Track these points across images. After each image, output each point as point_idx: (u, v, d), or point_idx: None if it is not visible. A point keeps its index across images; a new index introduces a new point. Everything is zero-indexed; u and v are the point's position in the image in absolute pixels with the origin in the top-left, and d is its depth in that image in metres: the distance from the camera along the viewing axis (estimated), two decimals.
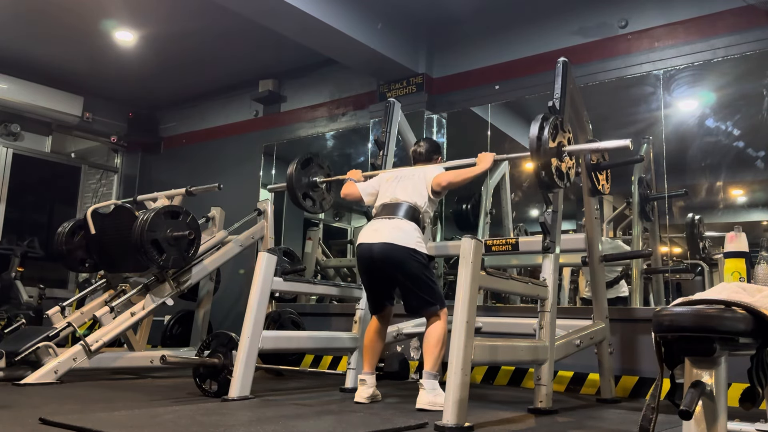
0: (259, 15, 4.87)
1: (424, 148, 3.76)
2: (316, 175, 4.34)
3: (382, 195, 3.56)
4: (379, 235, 3.33)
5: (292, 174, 4.21)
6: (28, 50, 6.41)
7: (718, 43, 4.36)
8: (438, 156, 3.79)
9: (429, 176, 3.48)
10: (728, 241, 2.69)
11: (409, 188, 3.47)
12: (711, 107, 4.55)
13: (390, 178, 3.63)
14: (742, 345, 1.48)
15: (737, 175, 4.55)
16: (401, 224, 3.35)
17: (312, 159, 4.35)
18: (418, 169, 3.61)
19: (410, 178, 3.54)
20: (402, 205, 3.41)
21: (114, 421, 2.56)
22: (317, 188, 4.35)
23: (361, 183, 3.79)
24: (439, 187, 3.45)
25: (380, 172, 3.87)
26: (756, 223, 4.60)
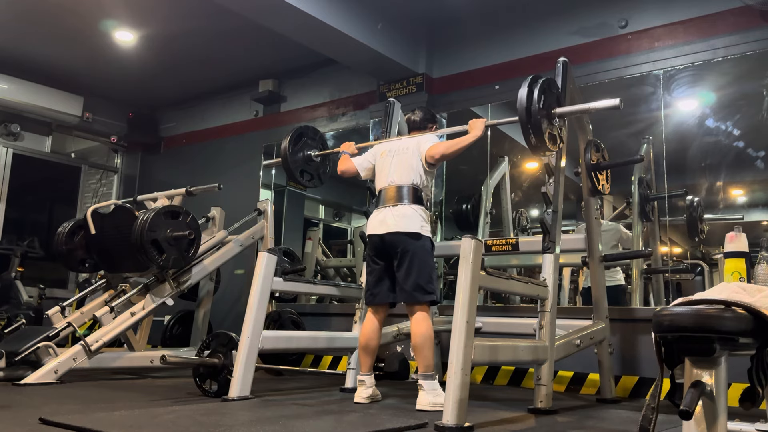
0: (259, 15, 4.87)
1: (418, 116, 3.77)
2: (310, 148, 4.32)
3: (380, 175, 3.58)
4: (386, 226, 3.40)
5: (286, 152, 4.17)
6: (28, 50, 6.41)
7: (718, 43, 4.36)
8: (432, 124, 3.78)
9: (423, 148, 3.48)
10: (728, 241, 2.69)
11: (405, 165, 3.48)
12: (711, 107, 4.55)
13: (384, 152, 3.62)
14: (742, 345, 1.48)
15: (737, 175, 4.55)
16: (405, 210, 3.39)
17: (303, 133, 4.32)
18: (411, 139, 3.61)
19: (404, 152, 3.53)
20: (402, 188, 3.44)
21: (114, 421, 2.56)
22: (312, 162, 4.33)
23: (356, 157, 3.80)
24: (432, 159, 3.45)
25: (374, 143, 3.86)
26: (756, 223, 4.60)
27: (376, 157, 3.68)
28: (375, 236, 3.46)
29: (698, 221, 4.57)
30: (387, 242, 3.40)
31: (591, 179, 3.82)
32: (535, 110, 2.85)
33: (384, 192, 3.51)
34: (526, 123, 2.89)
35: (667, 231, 4.66)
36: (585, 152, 3.85)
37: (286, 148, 4.18)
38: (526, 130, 2.88)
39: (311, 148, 4.32)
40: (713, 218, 4.62)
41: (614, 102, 3.05)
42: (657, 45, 4.63)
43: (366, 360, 3.46)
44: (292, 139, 4.23)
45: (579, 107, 3.33)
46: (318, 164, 4.36)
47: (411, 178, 3.46)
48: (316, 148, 4.33)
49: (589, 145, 3.87)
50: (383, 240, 3.41)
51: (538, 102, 2.86)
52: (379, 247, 3.46)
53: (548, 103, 2.92)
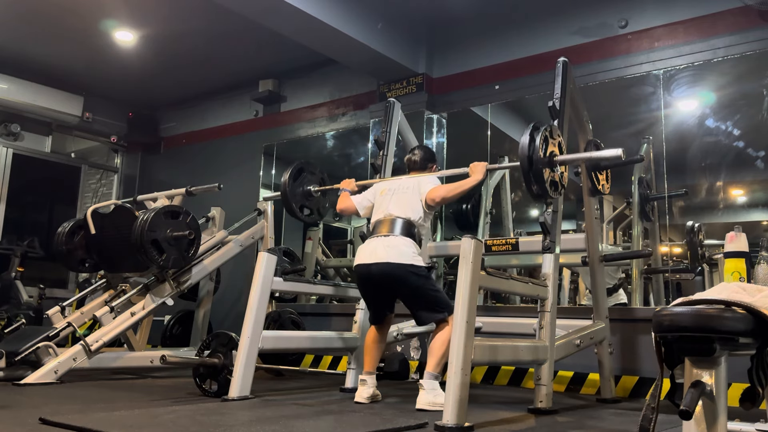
0: (259, 15, 4.88)
1: (418, 156, 3.73)
2: (310, 183, 4.30)
3: (377, 209, 3.54)
4: (375, 256, 3.34)
5: (285, 187, 4.16)
6: (28, 50, 6.41)
7: (718, 43, 4.36)
8: (432, 164, 3.76)
9: (423, 190, 3.45)
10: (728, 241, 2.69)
11: (404, 202, 3.45)
12: (711, 107, 4.55)
13: (384, 190, 3.59)
14: (742, 345, 1.48)
15: (737, 175, 4.55)
16: (396, 241, 3.34)
17: (303, 168, 4.31)
18: (412, 179, 3.58)
19: (404, 191, 3.50)
20: (396, 221, 3.40)
21: (114, 421, 2.56)
22: (312, 197, 4.31)
23: (356, 196, 3.76)
24: (433, 202, 3.42)
25: (374, 181, 3.83)
26: (756, 223, 4.60)
27: (375, 195, 3.64)
28: (362, 266, 3.40)
29: (698, 246, 4.50)
30: (378, 273, 3.33)
31: (591, 179, 3.82)
32: (537, 158, 2.85)
33: (378, 223, 3.47)
34: (528, 171, 2.89)
35: (667, 231, 4.66)
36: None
37: (286, 183, 4.16)
38: (528, 178, 2.89)
39: (311, 183, 4.29)
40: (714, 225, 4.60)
41: (617, 152, 3.05)
42: (657, 45, 4.63)
43: (369, 360, 3.47)
44: (292, 174, 4.20)
45: (581, 156, 3.41)
46: (318, 199, 4.34)
47: (408, 213, 3.42)
48: (316, 183, 4.31)
49: (589, 145, 3.87)
50: (371, 271, 3.35)
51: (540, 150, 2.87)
52: (366, 277, 3.40)
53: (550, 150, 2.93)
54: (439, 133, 5.64)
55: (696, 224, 4.52)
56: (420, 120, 5.47)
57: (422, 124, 5.49)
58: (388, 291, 3.42)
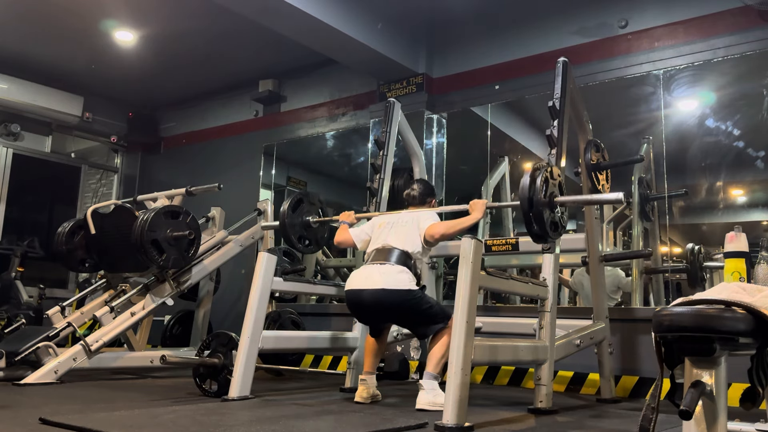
0: (259, 15, 4.87)
1: (417, 191, 3.70)
2: (309, 213, 4.29)
3: (375, 241, 3.50)
4: (370, 282, 3.29)
5: (284, 219, 4.14)
6: (28, 50, 6.41)
7: (718, 43, 4.36)
8: (431, 199, 3.73)
9: (422, 225, 3.42)
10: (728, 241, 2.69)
11: (402, 235, 3.42)
12: (711, 107, 4.55)
13: (383, 223, 3.55)
14: (742, 345, 1.48)
15: (737, 175, 4.55)
16: (392, 269, 3.30)
17: (302, 199, 4.29)
18: (411, 214, 3.54)
19: (403, 225, 3.47)
20: (394, 251, 3.36)
21: (114, 421, 2.56)
22: (310, 227, 4.29)
23: (353, 229, 3.72)
24: (432, 238, 3.39)
25: (373, 215, 3.79)
26: (756, 223, 4.59)
27: (373, 228, 3.60)
28: (353, 292, 3.35)
29: (699, 269, 4.45)
30: (370, 299, 3.28)
31: (591, 179, 3.82)
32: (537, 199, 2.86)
33: (374, 252, 3.43)
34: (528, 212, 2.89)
35: (667, 231, 4.66)
36: (585, 152, 3.85)
37: (285, 214, 4.15)
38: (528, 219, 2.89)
39: (310, 213, 4.28)
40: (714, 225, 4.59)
41: (618, 196, 3.07)
42: (657, 45, 4.63)
43: (369, 360, 3.48)
44: (291, 205, 4.19)
45: (582, 198, 3.41)
46: (316, 230, 4.32)
47: (406, 246, 3.38)
48: (315, 214, 4.30)
49: (589, 145, 3.87)
50: (362, 297, 3.31)
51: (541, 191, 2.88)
52: (357, 303, 3.36)
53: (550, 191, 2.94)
54: (439, 133, 5.64)
55: (697, 246, 4.46)
56: (420, 120, 5.47)
57: (422, 124, 5.49)
58: (381, 316, 3.42)
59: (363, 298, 3.31)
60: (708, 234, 4.66)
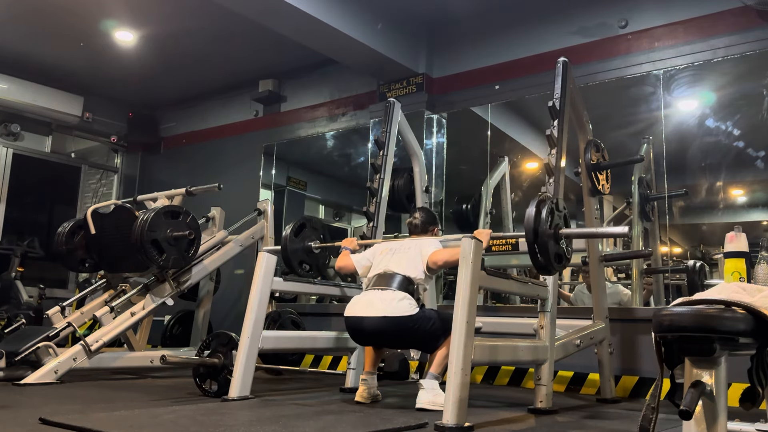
0: (259, 15, 4.88)
1: (419, 220, 3.67)
2: (311, 239, 4.28)
3: (376, 266, 3.45)
4: (372, 309, 3.22)
5: (286, 243, 4.12)
6: (28, 50, 6.41)
7: (718, 43, 4.36)
8: (434, 227, 3.70)
9: (425, 252, 3.37)
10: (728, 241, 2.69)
11: (405, 261, 3.37)
12: (711, 107, 4.55)
13: (385, 250, 3.51)
14: (742, 345, 1.48)
15: (737, 175, 4.55)
16: (394, 295, 3.23)
17: (305, 224, 4.27)
18: (414, 241, 3.51)
19: (406, 251, 3.42)
20: (396, 276, 3.30)
21: (114, 421, 2.56)
22: (312, 253, 4.27)
23: (355, 255, 3.67)
24: (434, 265, 3.35)
25: (375, 242, 3.77)
26: (756, 223, 4.59)
27: (375, 255, 3.54)
28: (354, 320, 3.28)
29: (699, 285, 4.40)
30: (371, 327, 3.22)
31: (591, 179, 3.82)
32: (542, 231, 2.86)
33: (376, 277, 3.38)
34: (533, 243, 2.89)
35: (667, 231, 4.66)
36: (585, 152, 3.85)
37: (287, 238, 4.13)
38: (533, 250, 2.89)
39: (312, 239, 4.27)
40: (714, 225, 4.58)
41: (623, 230, 3.08)
42: (657, 45, 4.63)
43: (370, 360, 3.48)
44: (294, 229, 4.17)
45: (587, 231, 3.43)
46: (317, 256, 4.29)
47: (408, 271, 3.32)
48: (317, 239, 4.28)
49: (589, 145, 3.87)
50: (363, 325, 3.24)
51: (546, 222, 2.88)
52: (358, 330, 3.30)
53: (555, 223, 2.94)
54: (439, 133, 5.64)
55: (698, 263, 4.43)
56: (420, 120, 5.47)
57: (422, 124, 5.49)
58: (382, 343, 3.43)
59: (364, 326, 3.25)
60: (708, 234, 4.66)
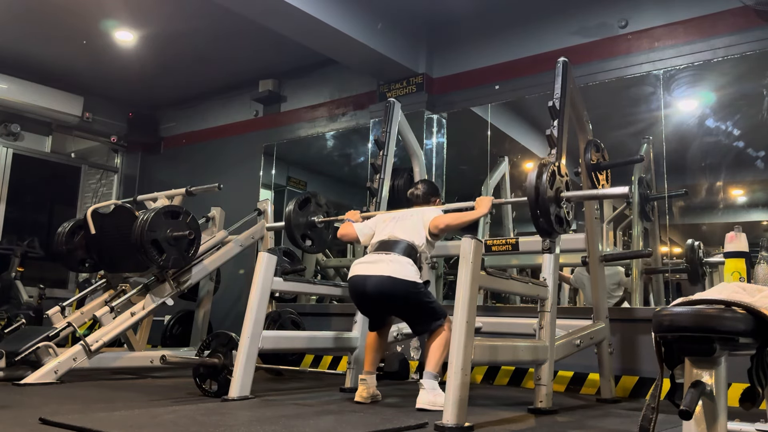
0: (259, 15, 4.88)
1: (421, 190, 3.72)
2: (315, 214, 4.29)
3: (379, 233, 3.51)
4: (375, 268, 3.29)
5: (290, 215, 4.15)
6: (28, 50, 6.41)
7: (718, 43, 4.36)
8: (436, 198, 3.74)
9: (427, 218, 3.43)
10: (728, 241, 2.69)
11: (408, 228, 3.42)
12: (711, 107, 4.55)
13: (387, 219, 3.57)
14: (742, 345, 1.48)
15: (737, 175, 4.55)
16: (398, 258, 3.29)
17: (310, 198, 4.30)
18: (416, 210, 3.56)
19: (408, 218, 3.48)
20: (399, 242, 3.36)
21: (114, 421, 2.56)
22: (315, 228, 4.30)
23: (358, 224, 3.72)
24: (437, 229, 3.39)
25: (378, 213, 3.81)
26: (756, 223, 4.59)
27: (377, 223, 3.60)
28: (357, 278, 3.34)
29: (699, 265, 4.44)
30: (373, 288, 3.28)
31: (591, 179, 3.82)
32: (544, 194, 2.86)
33: (379, 243, 3.43)
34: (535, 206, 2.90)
35: (667, 231, 4.66)
36: (585, 152, 3.85)
37: (291, 211, 4.16)
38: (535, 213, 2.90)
39: (316, 214, 4.29)
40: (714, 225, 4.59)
41: (624, 190, 3.07)
42: (657, 45, 4.63)
43: (369, 359, 3.48)
44: (298, 202, 4.20)
45: (588, 193, 3.41)
46: (320, 231, 4.33)
47: (412, 237, 3.38)
48: (321, 215, 4.31)
49: (589, 145, 3.87)
50: (366, 285, 3.30)
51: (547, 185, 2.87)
52: (361, 291, 3.35)
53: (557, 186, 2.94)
54: (439, 133, 5.64)
55: (696, 242, 4.45)
56: (420, 120, 5.47)
57: (422, 124, 5.49)
58: (384, 306, 3.41)
59: (367, 285, 3.29)
60: (708, 234, 4.66)
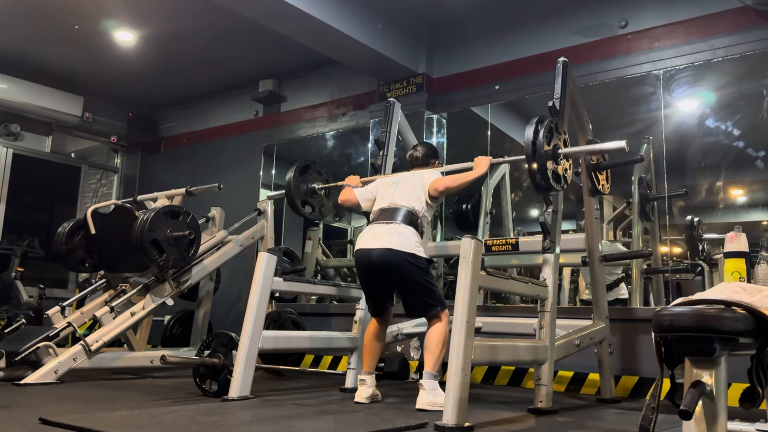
0: (259, 15, 4.87)
1: (420, 152, 3.75)
2: (315, 181, 4.32)
3: (380, 200, 3.56)
4: (377, 241, 3.34)
5: (290, 181, 4.19)
6: (28, 50, 6.41)
7: (718, 43, 4.36)
8: (435, 160, 3.77)
9: (426, 181, 3.48)
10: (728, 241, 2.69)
11: (407, 192, 3.47)
12: (711, 107, 4.55)
13: (387, 183, 3.63)
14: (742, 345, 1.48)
15: (737, 175, 4.55)
16: (399, 229, 3.34)
17: (310, 165, 4.33)
18: (415, 173, 3.60)
19: (408, 182, 3.53)
20: (400, 209, 3.41)
21: (114, 421, 2.56)
22: (316, 195, 4.33)
23: (358, 189, 3.78)
24: (436, 192, 3.44)
25: (377, 178, 3.85)
26: (756, 223, 4.59)
27: (378, 188, 3.66)
28: (363, 252, 3.38)
29: (698, 241, 4.50)
30: (378, 258, 3.32)
31: (591, 179, 3.82)
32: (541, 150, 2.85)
33: (381, 211, 3.48)
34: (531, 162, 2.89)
35: (667, 231, 4.66)
36: None
37: (291, 178, 4.18)
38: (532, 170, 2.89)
39: (316, 181, 4.31)
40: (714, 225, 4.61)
41: (620, 144, 3.07)
42: (657, 45, 4.63)
43: (368, 359, 3.47)
44: (298, 169, 4.23)
45: (585, 149, 3.41)
46: (321, 198, 4.36)
47: (411, 203, 3.43)
48: (321, 182, 4.33)
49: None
50: (372, 256, 3.34)
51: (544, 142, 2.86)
52: (367, 263, 3.38)
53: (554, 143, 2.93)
54: (439, 133, 5.64)
55: (695, 219, 4.54)
56: (420, 120, 5.47)
57: (422, 124, 5.49)
58: (387, 280, 3.41)
59: (372, 257, 3.33)
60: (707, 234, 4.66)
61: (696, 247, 4.47)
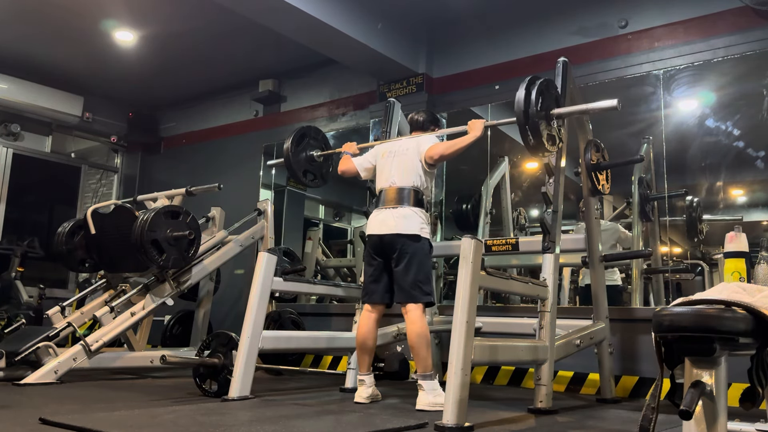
0: (259, 15, 4.87)
1: (422, 117, 3.82)
2: (312, 148, 4.33)
3: (381, 175, 3.61)
4: (386, 227, 3.44)
5: (288, 153, 4.19)
6: (28, 50, 6.41)
7: (718, 43, 4.36)
8: (434, 127, 3.82)
9: (422, 149, 3.52)
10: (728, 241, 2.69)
11: (407, 167, 3.51)
12: (711, 107, 4.55)
13: (385, 152, 3.66)
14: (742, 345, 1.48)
15: (737, 175, 4.55)
16: (405, 212, 3.43)
17: (305, 134, 4.33)
18: (412, 140, 3.64)
19: (405, 152, 3.57)
20: (404, 190, 3.48)
21: (114, 421, 2.56)
22: (315, 162, 4.34)
23: (357, 158, 3.84)
24: (432, 159, 3.50)
25: (375, 144, 3.89)
26: (756, 223, 4.59)
27: (376, 157, 3.71)
28: (374, 236, 3.50)
29: (698, 222, 4.57)
30: (386, 242, 3.44)
31: (591, 179, 3.82)
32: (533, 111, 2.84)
33: (385, 193, 3.55)
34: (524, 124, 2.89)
35: (667, 231, 4.66)
36: (585, 152, 3.85)
37: (289, 149, 4.19)
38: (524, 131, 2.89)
39: (314, 148, 4.33)
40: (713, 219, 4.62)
41: (612, 103, 3.05)
42: (657, 45, 4.63)
43: (364, 359, 3.46)
44: (294, 139, 4.23)
45: (577, 108, 3.32)
46: (320, 164, 4.37)
47: (412, 180, 3.50)
48: (318, 149, 4.34)
49: (589, 145, 3.88)
50: (382, 240, 3.45)
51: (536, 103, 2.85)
52: (378, 246, 3.50)
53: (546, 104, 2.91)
54: None
55: (695, 199, 4.58)
56: None
57: None
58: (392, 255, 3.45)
59: (384, 241, 3.44)
60: (708, 234, 4.66)
61: (695, 227, 4.52)
